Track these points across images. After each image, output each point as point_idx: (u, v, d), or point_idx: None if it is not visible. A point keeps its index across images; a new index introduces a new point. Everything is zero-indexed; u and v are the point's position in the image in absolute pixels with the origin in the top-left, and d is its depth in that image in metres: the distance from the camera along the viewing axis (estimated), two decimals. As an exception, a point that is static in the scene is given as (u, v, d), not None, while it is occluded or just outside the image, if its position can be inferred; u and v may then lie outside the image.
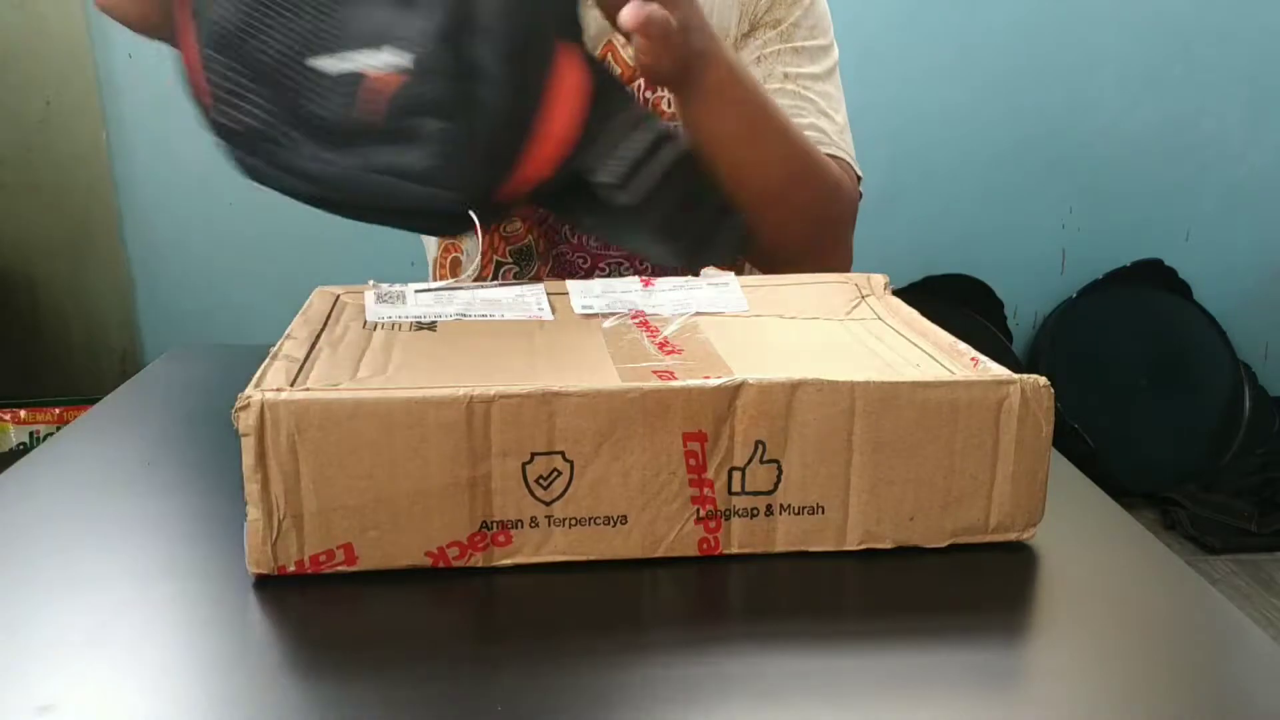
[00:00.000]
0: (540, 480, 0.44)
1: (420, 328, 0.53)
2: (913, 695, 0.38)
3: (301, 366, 0.46)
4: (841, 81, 0.86)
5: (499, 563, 0.45)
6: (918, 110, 2.16)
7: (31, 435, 1.97)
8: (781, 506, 0.46)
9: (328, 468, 0.42)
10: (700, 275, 0.63)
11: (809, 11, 0.83)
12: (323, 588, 0.44)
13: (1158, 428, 2.22)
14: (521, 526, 0.44)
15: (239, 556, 0.44)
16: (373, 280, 0.59)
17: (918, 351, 0.51)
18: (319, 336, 0.51)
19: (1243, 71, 2.21)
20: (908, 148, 2.17)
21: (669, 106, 0.81)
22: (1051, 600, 0.46)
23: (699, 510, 0.45)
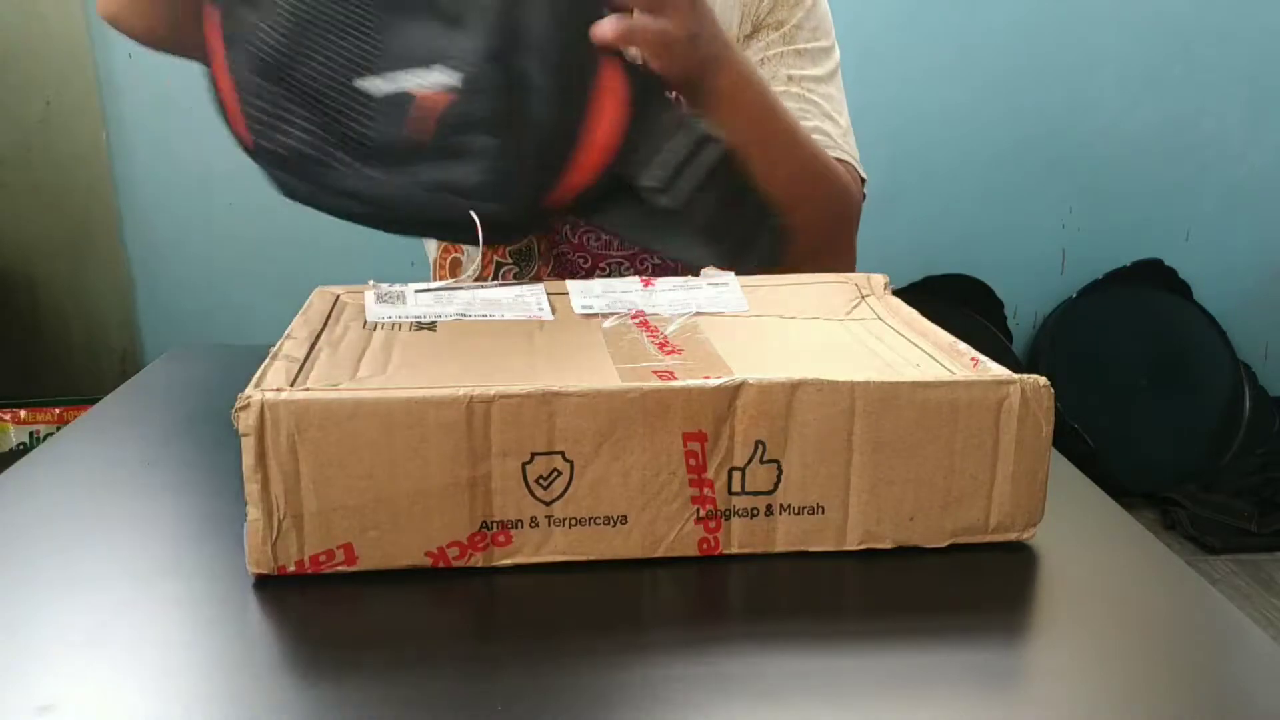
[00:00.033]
0: (540, 480, 0.44)
1: (420, 328, 0.53)
2: (913, 695, 0.38)
3: (301, 366, 0.46)
4: (842, 82, 0.86)
5: (499, 563, 0.45)
6: (918, 110, 2.16)
7: (31, 435, 1.97)
8: (781, 506, 0.46)
9: (328, 468, 0.42)
10: (700, 275, 0.63)
11: (811, 13, 0.83)
12: (323, 588, 0.44)
13: (1158, 428, 2.22)
14: (521, 526, 0.44)
15: (239, 556, 0.44)
16: (373, 280, 0.59)
17: (918, 351, 0.51)
18: (319, 336, 0.51)
19: (1243, 71, 2.21)
20: (908, 148, 2.17)
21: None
22: (1051, 600, 0.46)
23: (699, 510, 0.45)
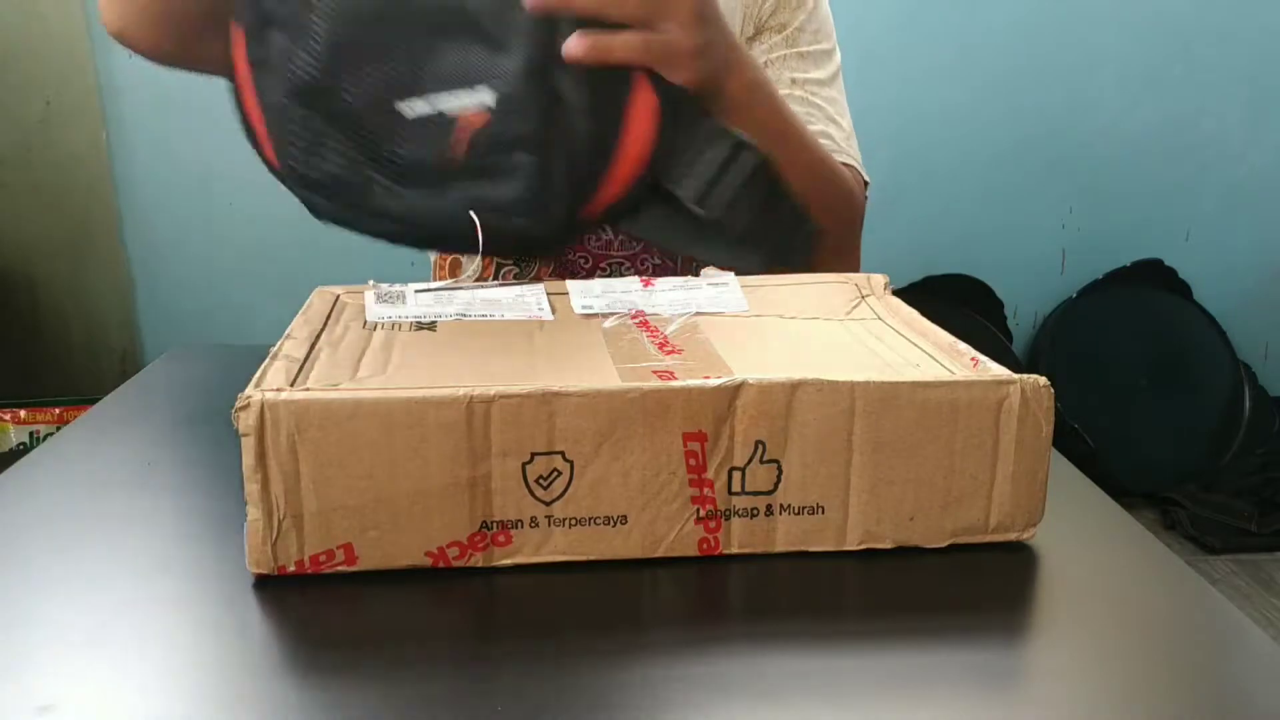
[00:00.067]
0: (540, 480, 0.44)
1: (420, 328, 0.53)
2: (913, 695, 0.38)
3: (301, 366, 0.46)
4: (843, 85, 0.85)
5: (499, 563, 0.45)
6: (918, 111, 2.16)
7: (31, 435, 1.97)
8: (781, 506, 0.46)
9: (328, 468, 0.42)
10: (700, 275, 0.63)
11: (813, 15, 0.83)
12: (323, 588, 0.44)
13: (1158, 428, 2.22)
14: (521, 526, 0.44)
15: (239, 556, 0.44)
16: (373, 280, 0.59)
17: (918, 351, 0.51)
18: (319, 336, 0.51)
19: (1243, 71, 2.21)
20: (908, 148, 2.17)
21: None
22: (1051, 600, 0.46)
23: (699, 510, 0.45)
